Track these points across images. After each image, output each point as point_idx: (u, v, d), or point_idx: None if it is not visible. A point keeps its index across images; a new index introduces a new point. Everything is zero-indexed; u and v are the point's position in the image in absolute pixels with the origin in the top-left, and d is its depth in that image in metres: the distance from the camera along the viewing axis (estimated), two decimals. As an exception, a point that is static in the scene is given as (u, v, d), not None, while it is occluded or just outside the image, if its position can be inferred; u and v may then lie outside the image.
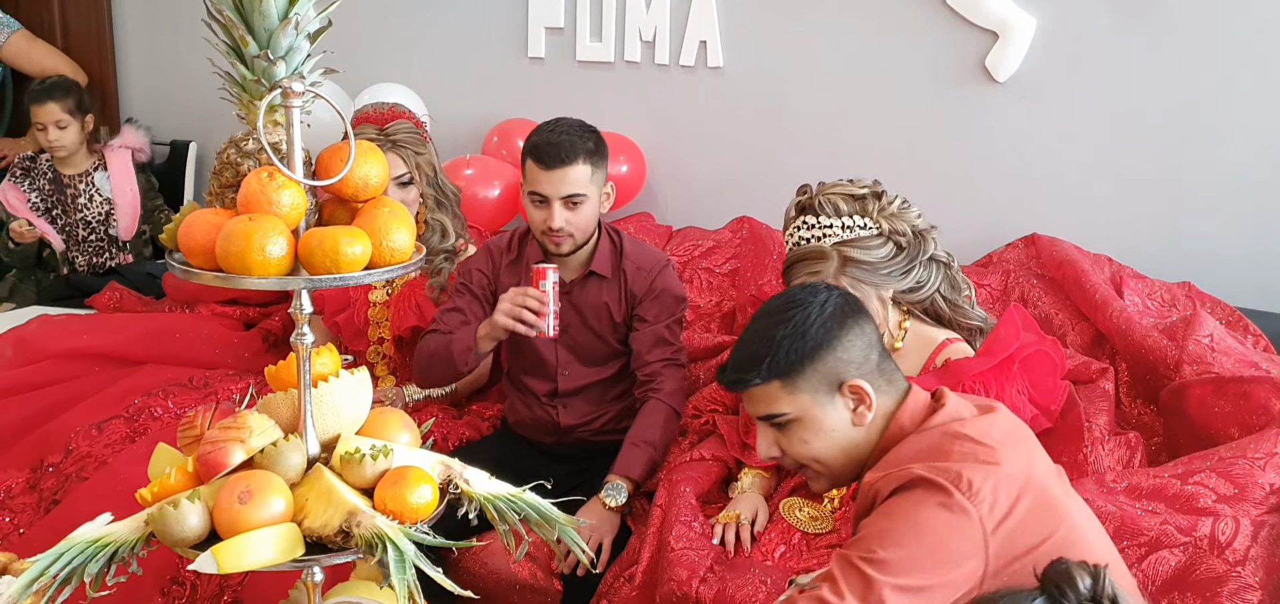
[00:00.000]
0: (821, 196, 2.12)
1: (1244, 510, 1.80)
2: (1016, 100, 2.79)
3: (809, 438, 1.53)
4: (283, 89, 1.28)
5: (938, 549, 1.36)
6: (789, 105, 3.05)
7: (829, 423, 1.52)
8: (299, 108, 1.30)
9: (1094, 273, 2.53)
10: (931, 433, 1.49)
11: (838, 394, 1.52)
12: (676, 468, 2.31)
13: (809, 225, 2.12)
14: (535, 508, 1.47)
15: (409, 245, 1.36)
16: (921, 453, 1.45)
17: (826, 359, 1.51)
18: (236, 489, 1.31)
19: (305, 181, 1.31)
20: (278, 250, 1.25)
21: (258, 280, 1.26)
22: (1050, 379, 2.11)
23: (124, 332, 2.95)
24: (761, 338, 1.54)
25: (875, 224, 2.10)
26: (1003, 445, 1.43)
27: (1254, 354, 2.27)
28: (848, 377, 1.51)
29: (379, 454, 1.39)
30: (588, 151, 2.31)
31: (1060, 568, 1.01)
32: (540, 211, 2.31)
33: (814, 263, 2.08)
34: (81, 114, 3.52)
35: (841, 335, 1.52)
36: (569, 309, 2.43)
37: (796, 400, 1.52)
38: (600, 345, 2.47)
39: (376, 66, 3.45)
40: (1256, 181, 2.61)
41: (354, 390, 1.45)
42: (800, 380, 1.51)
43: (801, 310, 1.53)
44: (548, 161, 2.28)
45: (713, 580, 1.98)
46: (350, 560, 1.36)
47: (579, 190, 2.29)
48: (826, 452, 1.54)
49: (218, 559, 1.26)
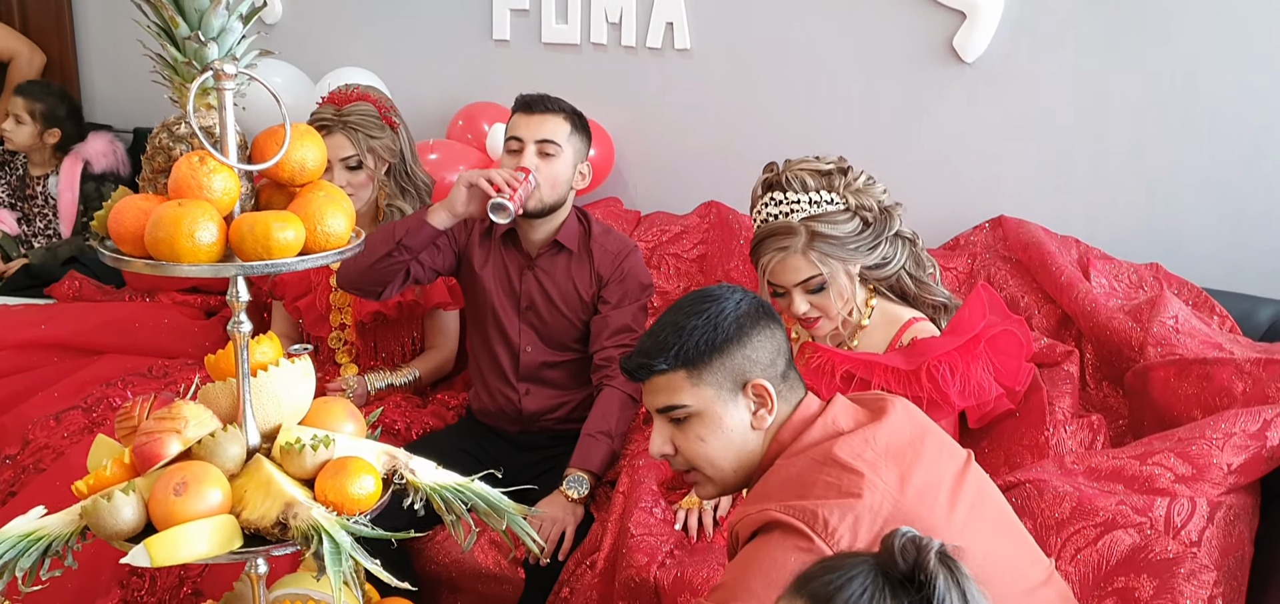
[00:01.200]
0: (788, 173, 2.11)
1: (1201, 491, 1.79)
2: (984, 81, 2.77)
3: (706, 435, 1.49)
4: (214, 71, 1.25)
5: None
6: (757, 88, 3.02)
7: (728, 422, 1.48)
8: (232, 90, 1.27)
9: (1060, 255, 2.52)
10: (800, 458, 1.44)
11: (741, 394, 1.48)
12: (638, 454, 2.30)
13: (776, 202, 2.11)
14: (483, 497, 1.45)
15: (345, 230, 1.33)
16: (787, 483, 1.40)
17: (736, 355, 1.47)
18: (172, 481, 1.28)
19: (238, 166, 1.28)
20: (208, 237, 1.22)
21: (189, 267, 1.23)
22: (1016, 360, 2.11)
23: (83, 321, 2.92)
24: (671, 327, 1.49)
25: (842, 199, 2.09)
26: (875, 467, 1.37)
27: (1219, 335, 2.26)
28: (753, 376, 1.47)
29: (319, 444, 1.36)
30: (568, 112, 2.35)
31: (902, 538, 1.00)
32: (513, 157, 2.32)
33: (782, 238, 2.07)
34: (44, 123, 3.61)
35: (753, 334, 1.48)
36: (534, 284, 2.42)
37: (700, 393, 1.47)
38: (565, 327, 2.45)
39: (340, 51, 3.42)
40: (1224, 162, 2.60)
41: (295, 380, 1.42)
42: (706, 372, 1.47)
43: (716, 304, 1.49)
44: (531, 107, 2.33)
45: (672, 565, 1.98)
46: (289, 553, 1.34)
47: (554, 138, 2.30)
48: (719, 454, 1.50)
49: (150, 552, 1.23)
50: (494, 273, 2.44)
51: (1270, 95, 2.53)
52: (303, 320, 2.72)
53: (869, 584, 0.99)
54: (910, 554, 0.99)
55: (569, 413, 2.50)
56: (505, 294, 2.43)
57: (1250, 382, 1.99)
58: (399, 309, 2.60)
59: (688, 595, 1.90)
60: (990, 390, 2.04)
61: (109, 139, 3.71)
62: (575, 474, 2.27)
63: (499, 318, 2.44)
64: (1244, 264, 2.61)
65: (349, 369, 2.67)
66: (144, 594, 2.18)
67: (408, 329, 2.69)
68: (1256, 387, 1.97)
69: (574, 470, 2.28)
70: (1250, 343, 2.26)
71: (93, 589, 2.16)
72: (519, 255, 2.43)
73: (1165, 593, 1.69)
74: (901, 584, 0.99)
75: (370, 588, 1.71)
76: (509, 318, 2.44)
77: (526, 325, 2.45)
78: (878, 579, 0.99)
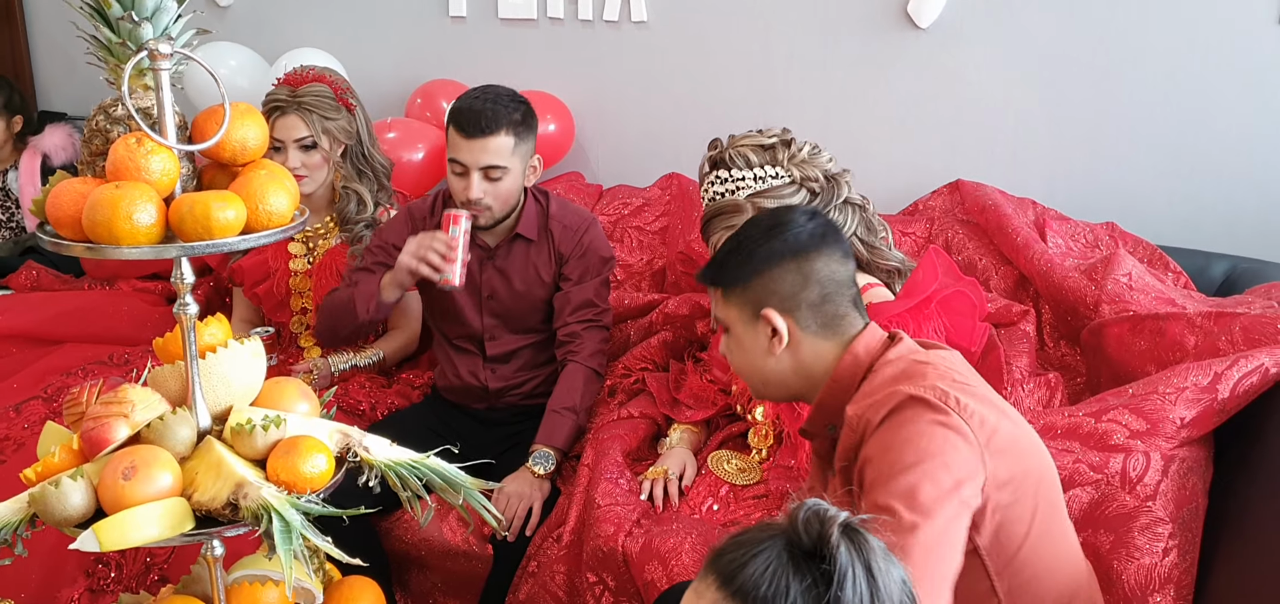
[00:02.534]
0: (732, 150, 2.11)
1: (1155, 445, 1.82)
2: (939, 46, 2.78)
3: (733, 349, 1.62)
4: (149, 51, 1.23)
5: (946, 454, 1.35)
6: (714, 59, 3.02)
7: (748, 343, 1.59)
8: (168, 70, 1.25)
9: (1016, 217, 2.53)
10: (896, 362, 1.50)
11: (758, 320, 1.55)
12: (604, 427, 2.31)
13: (722, 179, 2.11)
14: (438, 473, 1.45)
15: (288, 208, 1.32)
16: (897, 377, 1.46)
17: (754, 285, 1.56)
18: (120, 465, 1.27)
19: (176, 146, 1.26)
20: (146, 218, 1.21)
21: (129, 250, 1.22)
22: (969, 320, 2.12)
23: (41, 311, 2.89)
24: (723, 248, 1.63)
25: (787, 172, 2.09)
26: (964, 374, 1.48)
27: (1173, 291, 2.29)
28: (767, 306, 1.54)
29: (270, 424, 1.35)
30: (513, 123, 2.23)
31: (807, 511, 1.01)
32: (460, 181, 2.25)
33: (730, 216, 2.07)
34: (8, 113, 3.53)
35: (778, 268, 1.54)
36: (495, 275, 2.40)
37: (727, 312, 1.60)
38: (528, 311, 2.44)
39: (295, 32, 3.37)
40: (1178, 121, 2.62)
41: (245, 361, 1.42)
42: (731, 296, 1.58)
43: (767, 233, 1.58)
44: (468, 130, 2.20)
45: (639, 534, 1.99)
46: (243, 533, 1.33)
47: (500, 162, 2.23)
48: (745, 368, 1.61)
49: (99, 537, 1.22)
50: None
51: (1222, 53, 2.55)
52: (263, 306, 2.70)
53: (773, 559, 0.99)
54: (814, 528, 0.99)
55: (535, 388, 2.49)
56: (467, 290, 2.38)
57: (1202, 335, 2.02)
58: (360, 291, 2.59)
59: (655, 563, 1.91)
60: None
61: (67, 130, 3.66)
62: (541, 450, 2.28)
63: (461, 313, 2.43)
64: (1197, 221, 2.64)
65: (312, 352, 2.66)
66: (110, 583, 2.17)
67: (369, 310, 2.68)
68: (1208, 340, 2.00)
69: (540, 446, 2.28)
70: (1203, 297, 2.29)
71: (58, 579, 2.15)
72: (478, 250, 2.39)
73: (1121, 547, 1.72)
74: (806, 558, 0.98)
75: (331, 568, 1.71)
76: (472, 312, 2.42)
77: (490, 315, 2.44)
78: (783, 554, 0.99)
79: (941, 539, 1.32)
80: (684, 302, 2.54)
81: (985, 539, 1.40)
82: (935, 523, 1.31)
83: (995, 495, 1.39)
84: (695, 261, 2.60)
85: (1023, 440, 1.47)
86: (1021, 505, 1.42)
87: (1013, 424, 1.46)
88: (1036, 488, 1.45)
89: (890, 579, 1.00)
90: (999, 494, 1.39)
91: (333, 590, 1.66)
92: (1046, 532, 1.46)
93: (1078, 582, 1.52)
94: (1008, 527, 1.41)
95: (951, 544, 1.33)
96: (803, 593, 0.97)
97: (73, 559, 2.14)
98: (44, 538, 1.88)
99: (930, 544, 1.31)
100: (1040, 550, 1.45)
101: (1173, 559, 1.68)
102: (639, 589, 1.94)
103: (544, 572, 2.13)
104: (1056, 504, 1.51)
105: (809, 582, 0.97)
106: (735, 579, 0.99)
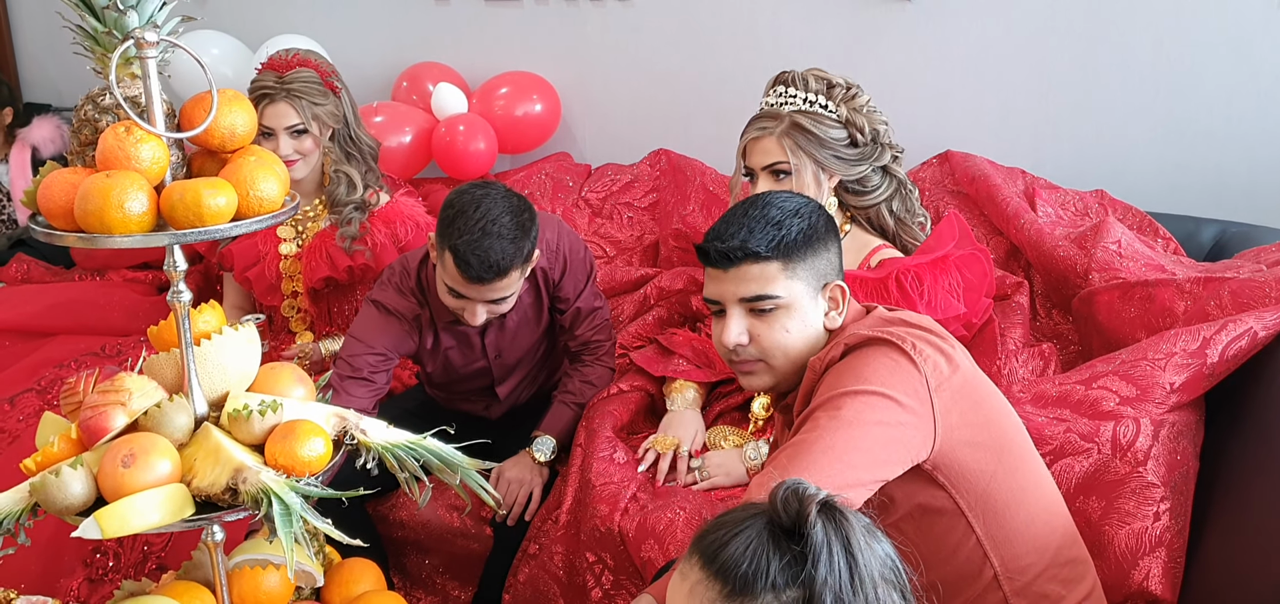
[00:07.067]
0: (797, 73, 2.19)
1: (1145, 411, 1.83)
2: (926, 17, 2.77)
3: (790, 327, 1.51)
4: (135, 40, 1.23)
5: (889, 381, 1.38)
6: (700, 33, 3.01)
7: (809, 316, 1.52)
8: (155, 58, 1.25)
9: (1006, 187, 2.54)
10: (866, 321, 1.53)
11: (820, 293, 1.53)
12: (595, 405, 2.31)
13: (778, 93, 2.19)
14: (436, 453, 1.45)
15: (278, 194, 1.32)
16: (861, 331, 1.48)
17: (823, 254, 1.53)
18: (119, 453, 1.28)
19: (165, 134, 1.26)
20: (138, 207, 1.21)
21: (120, 239, 1.22)
22: (979, 288, 2.14)
23: (33, 304, 2.88)
24: (762, 220, 1.51)
25: (836, 109, 2.16)
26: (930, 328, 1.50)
27: (1162, 257, 2.30)
28: (832, 278, 1.54)
29: (267, 410, 1.36)
30: (522, 260, 2.05)
31: (785, 489, 1.02)
32: (458, 302, 2.10)
33: (765, 121, 2.16)
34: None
35: (833, 241, 1.56)
36: (495, 333, 2.31)
37: (791, 285, 1.50)
38: (532, 339, 2.39)
39: (278, 17, 3.35)
40: (1165, 87, 2.62)
41: (240, 347, 1.42)
42: (800, 267, 1.51)
43: (808, 204, 1.56)
44: (473, 277, 2.01)
45: (635, 511, 1.99)
46: (243, 518, 1.34)
47: (507, 294, 2.10)
48: (796, 347, 1.52)
49: (101, 524, 1.23)
50: (453, 342, 2.31)
51: (1209, 18, 2.55)
52: (254, 291, 2.70)
53: (754, 537, 1.00)
54: (792, 506, 1.00)
55: (539, 389, 2.50)
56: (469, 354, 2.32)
57: (1191, 301, 2.03)
58: (350, 273, 2.59)
59: (651, 541, 1.91)
60: (954, 309, 2.07)
61: (55, 122, 3.63)
62: (543, 437, 2.28)
63: (467, 374, 2.36)
64: (1186, 186, 2.65)
65: (304, 336, 2.66)
66: (108, 571, 2.18)
67: (360, 292, 2.67)
68: (1197, 305, 2.01)
69: (542, 434, 2.29)
70: (1192, 263, 2.30)
71: (57, 569, 2.16)
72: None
73: (1113, 512, 1.74)
74: (786, 535, 1.00)
75: (331, 551, 1.72)
76: (478, 367, 2.35)
77: (498, 365, 2.37)
78: (763, 533, 1.00)
79: (851, 435, 1.34)
80: (678, 275, 2.54)
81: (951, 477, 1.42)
82: (844, 415, 1.35)
83: (952, 434, 1.40)
84: (690, 239, 2.60)
85: (981, 388, 1.49)
86: (984, 448, 1.44)
87: (970, 373, 1.48)
88: (999, 433, 1.47)
89: (871, 555, 1.01)
90: (957, 433, 1.41)
91: (333, 572, 1.68)
92: (1015, 470, 1.47)
93: (1059, 532, 1.52)
94: (974, 465, 1.43)
95: (864, 449, 1.35)
96: (781, 570, 0.98)
97: (71, 549, 2.15)
98: (43, 528, 1.88)
99: (833, 431, 1.34)
100: (1011, 490, 1.46)
101: (1165, 523, 1.70)
102: (637, 567, 1.95)
103: (543, 553, 2.14)
104: (1025, 451, 1.53)
105: (787, 559, 0.98)
106: (717, 558, 1.01)
